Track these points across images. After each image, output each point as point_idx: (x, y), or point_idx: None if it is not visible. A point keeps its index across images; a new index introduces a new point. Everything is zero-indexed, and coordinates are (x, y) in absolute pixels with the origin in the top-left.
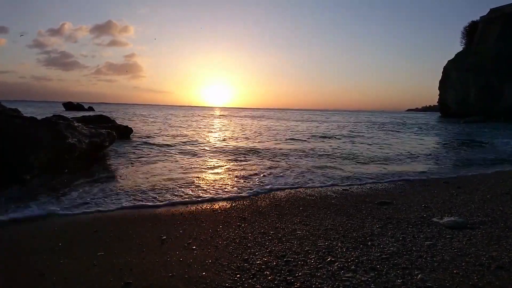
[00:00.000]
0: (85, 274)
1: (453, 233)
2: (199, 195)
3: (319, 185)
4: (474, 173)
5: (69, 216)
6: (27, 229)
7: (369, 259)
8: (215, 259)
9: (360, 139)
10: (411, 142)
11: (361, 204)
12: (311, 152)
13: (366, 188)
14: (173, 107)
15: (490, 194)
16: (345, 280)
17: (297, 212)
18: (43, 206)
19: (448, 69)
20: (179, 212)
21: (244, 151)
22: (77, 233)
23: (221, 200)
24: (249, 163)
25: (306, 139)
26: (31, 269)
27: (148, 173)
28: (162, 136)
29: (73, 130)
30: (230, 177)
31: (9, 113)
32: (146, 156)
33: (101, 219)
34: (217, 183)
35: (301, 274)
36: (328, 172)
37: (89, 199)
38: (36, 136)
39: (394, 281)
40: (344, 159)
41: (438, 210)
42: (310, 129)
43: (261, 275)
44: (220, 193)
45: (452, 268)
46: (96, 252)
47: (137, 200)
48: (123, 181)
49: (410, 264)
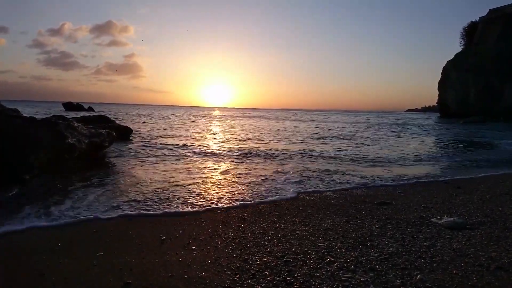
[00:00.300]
0: (85, 274)
1: (452, 233)
2: (201, 203)
3: (324, 189)
4: (474, 174)
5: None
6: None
7: (369, 260)
8: (214, 259)
9: (360, 140)
10: (412, 142)
11: (361, 205)
12: (312, 154)
13: (366, 188)
14: (173, 107)
15: (490, 195)
16: (344, 280)
17: (296, 212)
18: (31, 219)
19: (448, 70)
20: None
21: (245, 154)
22: (77, 233)
23: (223, 209)
24: (250, 166)
25: (306, 140)
26: (31, 269)
27: (146, 177)
28: (162, 137)
29: (72, 130)
30: (232, 181)
31: (9, 113)
32: (145, 158)
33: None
34: (218, 189)
35: (301, 274)
36: (331, 175)
37: (83, 210)
38: (36, 136)
39: (393, 282)
40: (345, 160)
41: (437, 211)
42: (310, 129)
43: (260, 276)
44: (222, 202)
45: (451, 269)
46: (96, 252)
47: (133, 208)
48: (120, 186)
49: (409, 264)
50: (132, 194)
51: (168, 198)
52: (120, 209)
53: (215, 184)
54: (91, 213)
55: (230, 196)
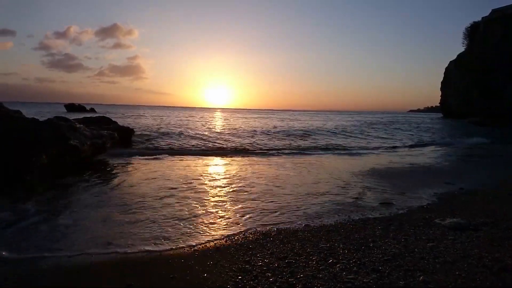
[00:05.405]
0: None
1: (455, 234)
2: (198, 236)
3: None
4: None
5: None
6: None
7: (371, 261)
8: (216, 260)
9: (360, 140)
10: (415, 139)
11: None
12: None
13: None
14: (176, 108)
15: (493, 195)
16: (347, 281)
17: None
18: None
19: (450, 70)
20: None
21: (252, 161)
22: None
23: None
24: (255, 173)
25: (313, 144)
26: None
27: (139, 194)
28: (163, 139)
29: (74, 131)
30: (237, 200)
31: (11, 115)
32: (143, 166)
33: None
34: (220, 216)
35: (303, 275)
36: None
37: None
38: (38, 137)
39: (396, 283)
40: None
41: (440, 211)
42: (319, 129)
43: (262, 277)
44: (223, 233)
45: (455, 270)
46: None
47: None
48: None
49: (412, 265)
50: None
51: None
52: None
53: (217, 211)
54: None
55: (230, 229)
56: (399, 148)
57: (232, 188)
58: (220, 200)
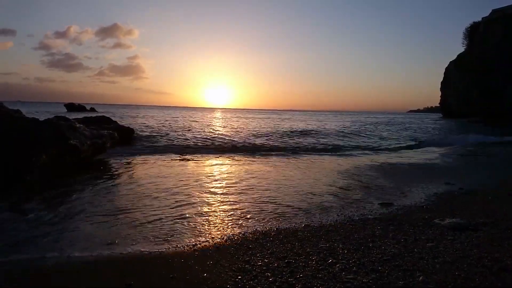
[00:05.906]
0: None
1: (455, 234)
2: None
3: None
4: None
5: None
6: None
7: (371, 261)
8: (216, 260)
9: (360, 140)
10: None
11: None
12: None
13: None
14: (176, 108)
15: (492, 195)
16: (346, 281)
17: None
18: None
19: (450, 70)
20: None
21: (256, 161)
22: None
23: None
24: (258, 175)
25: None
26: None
27: (139, 193)
28: (163, 138)
29: (74, 131)
30: (240, 202)
31: (11, 114)
32: (143, 166)
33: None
34: (220, 215)
35: (303, 275)
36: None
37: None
38: (38, 137)
39: (396, 283)
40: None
41: (440, 211)
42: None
43: (262, 277)
44: (223, 233)
45: (454, 270)
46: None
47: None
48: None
49: (411, 265)
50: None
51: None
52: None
53: (219, 211)
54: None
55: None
56: (398, 148)
57: (232, 187)
58: (220, 199)
